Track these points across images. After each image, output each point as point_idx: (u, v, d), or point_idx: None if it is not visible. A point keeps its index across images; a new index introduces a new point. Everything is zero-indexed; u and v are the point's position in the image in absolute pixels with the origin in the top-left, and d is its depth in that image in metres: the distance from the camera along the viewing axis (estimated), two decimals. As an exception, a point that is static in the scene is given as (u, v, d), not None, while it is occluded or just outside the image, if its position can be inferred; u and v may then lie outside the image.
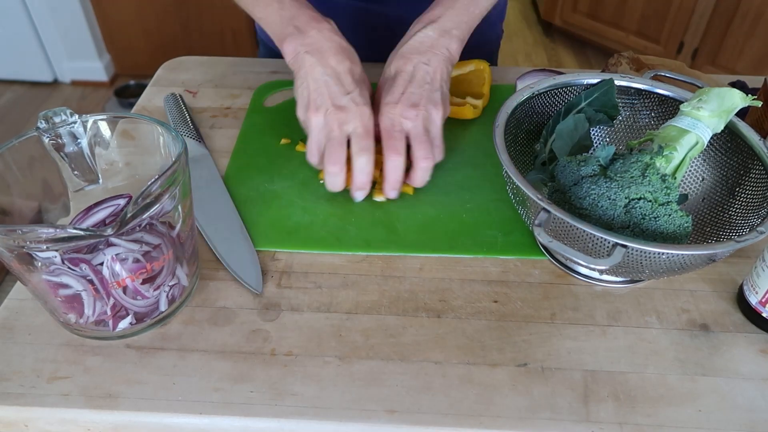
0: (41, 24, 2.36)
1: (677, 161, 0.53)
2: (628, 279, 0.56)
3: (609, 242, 0.45)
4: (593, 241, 0.47)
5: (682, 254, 0.46)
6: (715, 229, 0.56)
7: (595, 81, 0.62)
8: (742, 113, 0.69)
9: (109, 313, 0.48)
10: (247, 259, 0.56)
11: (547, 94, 0.62)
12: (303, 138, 0.65)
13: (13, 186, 0.49)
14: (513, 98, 0.59)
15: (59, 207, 0.52)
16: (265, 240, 0.59)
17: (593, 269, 0.54)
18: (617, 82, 0.62)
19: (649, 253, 0.45)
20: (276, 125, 0.74)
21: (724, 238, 0.55)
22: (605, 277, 0.56)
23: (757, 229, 0.47)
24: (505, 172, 0.53)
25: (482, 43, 0.93)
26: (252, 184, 0.65)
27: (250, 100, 0.79)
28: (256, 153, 0.70)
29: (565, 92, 0.63)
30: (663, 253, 0.45)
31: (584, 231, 0.46)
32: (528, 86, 0.61)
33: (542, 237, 0.46)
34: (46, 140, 0.50)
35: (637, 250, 0.45)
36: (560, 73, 0.67)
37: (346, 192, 0.64)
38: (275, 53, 0.93)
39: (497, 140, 0.54)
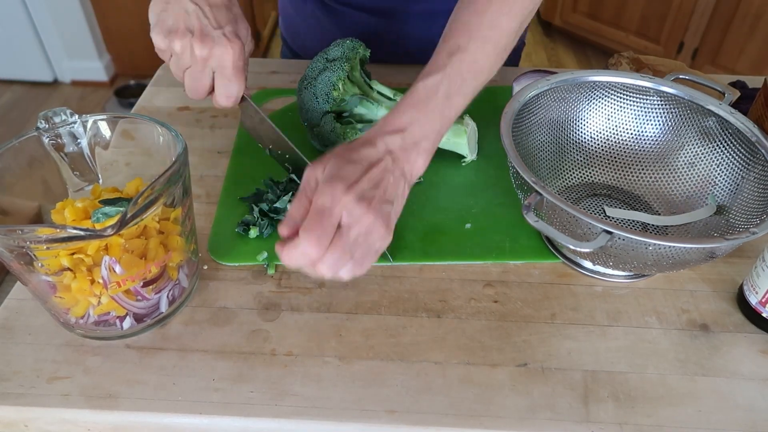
0: (41, 24, 2.36)
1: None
2: (632, 274, 0.56)
3: (597, 228, 0.46)
4: (580, 225, 0.48)
5: (667, 245, 0.46)
6: (719, 230, 0.56)
7: (595, 78, 0.62)
8: (743, 111, 0.69)
9: (113, 313, 0.48)
10: None
11: (549, 92, 0.63)
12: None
13: (13, 186, 0.49)
14: (518, 96, 0.59)
15: (59, 207, 0.52)
16: (272, 254, 0.58)
17: (579, 252, 0.54)
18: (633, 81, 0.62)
19: (634, 241, 0.46)
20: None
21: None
22: (609, 271, 0.56)
23: (750, 229, 0.47)
24: (510, 162, 0.53)
25: None
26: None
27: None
28: (253, 165, 0.68)
29: (565, 90, 0.63)
30: (650, 244, 0.46)
31: (573, 215, 0.47)
32: (528, 86, 0.61)
33: (530, 218, 0.47)
34: (46, 140, 0.50)
35: (622, 237, 0.46)
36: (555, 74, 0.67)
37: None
38: (296, 53, 0.93)
39: (503, 127, 0.55)
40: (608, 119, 0.65)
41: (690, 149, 0.62)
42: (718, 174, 0.59)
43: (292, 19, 0.92)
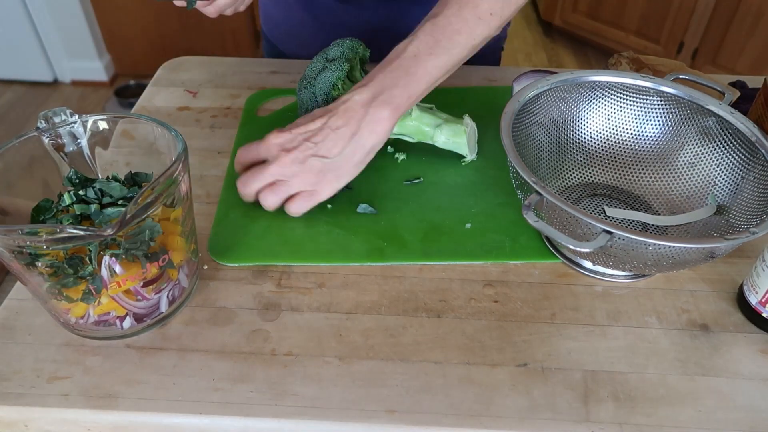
0: (41, 24, 2.36)
1: None
2: (632, 274, 0.56)
3: (597, 228, 0.46)
4: (580, 225, 0.48)
5: (667, 245, 0.46)
6: (719, 230, 0.56)
7: (595, 78, 0.62)
8: (743, 111, 0.69)
9: (113, 313, 0.48)
10: None
11: (549, 93, 0.63)
12: None
13: (13, 186, 0.49)
14: (518, 96, 0.59)
15: (59, 207, 0.52)
16: (272, 254, 0.58)
17: (579, 252, 0.54)
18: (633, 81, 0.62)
19: (634, 241, 0.46)
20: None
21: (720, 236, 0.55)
22: (609, 271, 0.56)
23: (750, 229, 0.47)
24: (510, 162, 0.53)
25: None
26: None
27: (242, 111, 0.78)
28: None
29: (565, 90, 0.63)
30: (650, 244, 0.46)
31: (573, 215, 0.47)
32: (528, 86, 0.61)
33: (530, 218, 0.47)
34: (46, 140, 0.50)
35: (622, 237, 0.46)
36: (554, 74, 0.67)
37: (348, 202, 0.64)
38: (278, 50, 0.94)
39: (503, 126, 0.54)
40: (608, 119, 0.65)
41: (690, 149, 0.62)
42: (718, 174, 0.59)
43: (270, 11, 0.92)
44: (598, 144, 0.65)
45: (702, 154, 0.61)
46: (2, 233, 0.40)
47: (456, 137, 0.66)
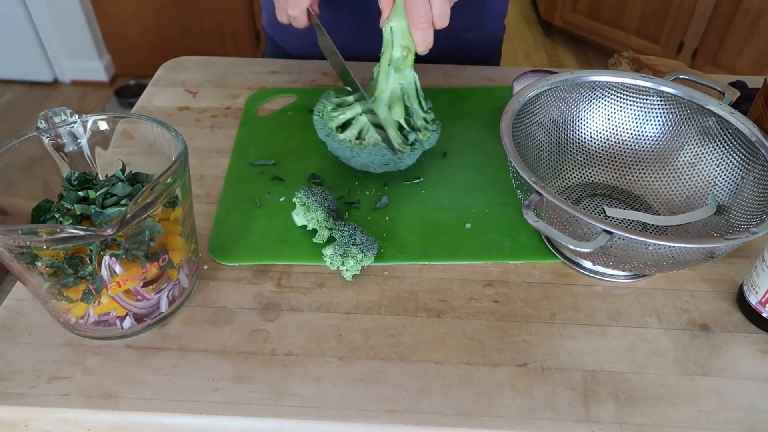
0: (41, 24, 2.36)
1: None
2: (632, 274, 0.56)
3: (597, 228, 0.46)
4: (580, 225, 0.48)
5: (666, 245, 0.46)
6: (719, 230, 0.56)
7: (595, 78, 0.62)
8: (743, 111, 0.69)
9: (113, 313, 0.48)
10: None
11: (549, 93, 0.63)
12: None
13: (13, 186, 0.49)
14: (518, 96, 0.59)
15: (59, 207, 0.52)
16: (272, 254, 0.58)
17: (579, 252, 0.54)
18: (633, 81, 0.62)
19: (634, 241, 0.46)
20: (271, 136, 0.73)
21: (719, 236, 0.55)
22: (609, 271, 0.56)
23: (750, 229, 0.47)
24: (510, 162, 0.53)
25: (482, 38, 0.92)
26: (252, 195, 0.64)
27: (242, 111, 0.78)
28: (253, 166, 0.68)
29: (565, 90, 0.63)
30: (650, 244, 0.46)
31: (573, 215, 0.47)
32: (530, 85, 0.61)
33: (530, 218, 0.47)
34: (46, 140, 0.50)
35: (622, 237, 0.45)
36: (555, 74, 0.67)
37: (345, 202, 0.64)
38: (282, 49, 0.93)
39: (503, 126, 0.54)
40: (608, 119, 0.65)
41: (690, 149, 0.62)
42: (718, 174, 0.59)
43: (273, 9, 0.90)
44: (598, 144, 0.65)
45: (702, 154, 0.61)
46: (2, 233, 0.40)
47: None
